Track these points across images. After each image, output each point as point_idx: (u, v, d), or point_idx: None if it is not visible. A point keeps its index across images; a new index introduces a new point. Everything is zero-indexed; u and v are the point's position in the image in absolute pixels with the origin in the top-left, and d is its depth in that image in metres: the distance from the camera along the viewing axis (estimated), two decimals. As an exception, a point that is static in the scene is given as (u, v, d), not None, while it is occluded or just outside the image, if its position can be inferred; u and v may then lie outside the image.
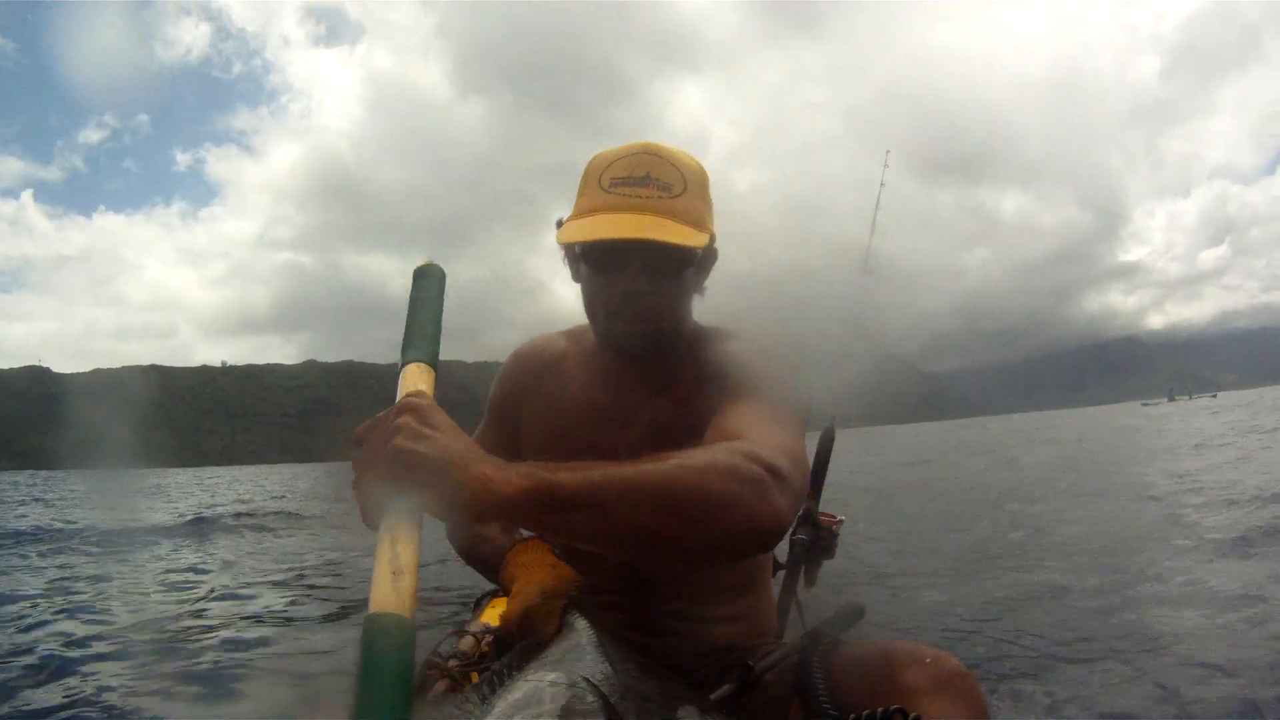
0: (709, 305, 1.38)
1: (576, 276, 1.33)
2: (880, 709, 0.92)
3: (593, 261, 1.26)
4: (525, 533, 1.35)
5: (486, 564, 1.39)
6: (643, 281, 1.23)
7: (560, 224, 1.29)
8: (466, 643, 1.63)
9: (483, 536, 1.41)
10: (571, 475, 0.82)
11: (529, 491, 0.80)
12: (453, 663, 1.46)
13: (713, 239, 1.28)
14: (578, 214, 1.26)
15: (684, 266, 1.25)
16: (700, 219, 1.25)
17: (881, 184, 1.88)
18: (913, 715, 0.91)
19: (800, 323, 1.25)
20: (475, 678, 1.33)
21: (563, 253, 1.33)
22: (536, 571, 1.25)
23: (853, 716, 0.95)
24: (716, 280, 1.37)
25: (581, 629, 1.07)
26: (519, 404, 1.47)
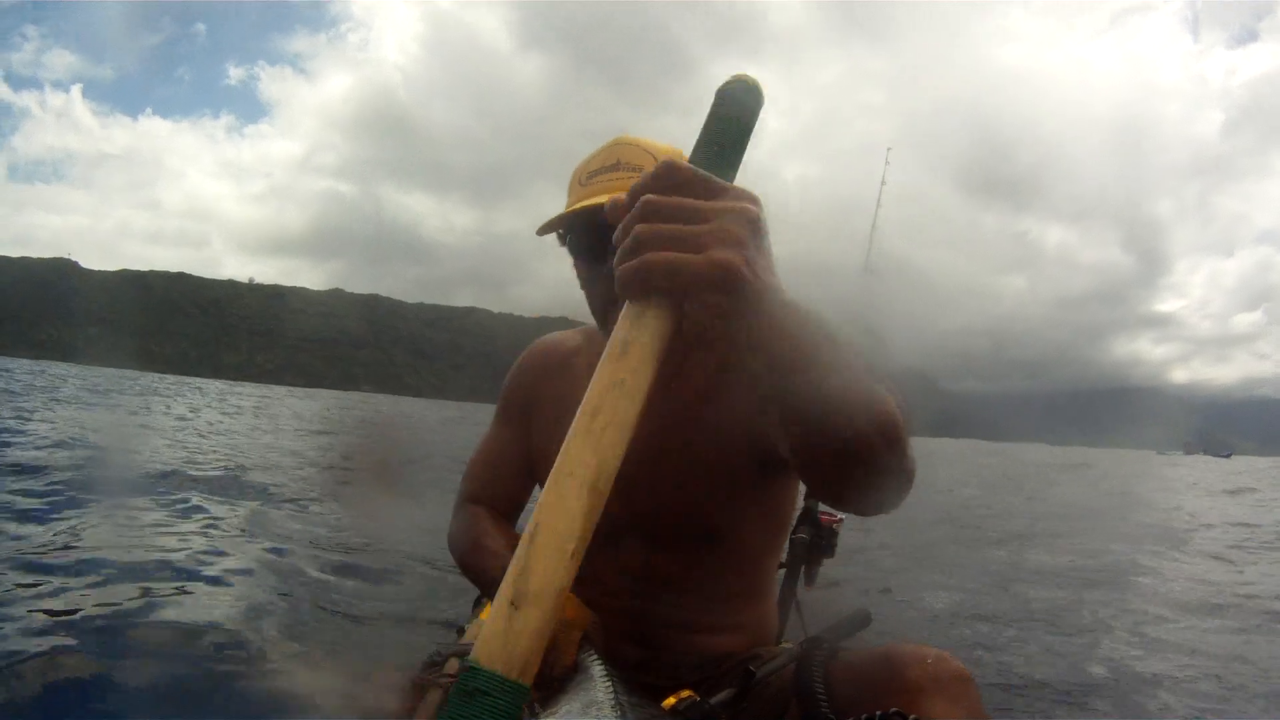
0: None
1: (579, 277, 1.25)
2: (879, 712, 0.91)
3: (578, 251, 1.22)
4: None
5: (483, 575, 1.31)
6: None
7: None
8: (466, 641, 1.61)
9: (486, 548, 1.33)
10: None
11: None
12: (452, 662, 1.44)
13: None
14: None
15: None
16: None
17: (883, 181, 1.83)
18: (911, 717, 0.90)
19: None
20: None
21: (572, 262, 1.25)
22: None
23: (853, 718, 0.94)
24: None
25: (598, 677, 1.00)
26: (528, 402, 1.40)
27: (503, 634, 0.54)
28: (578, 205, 1.17)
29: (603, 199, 1.10)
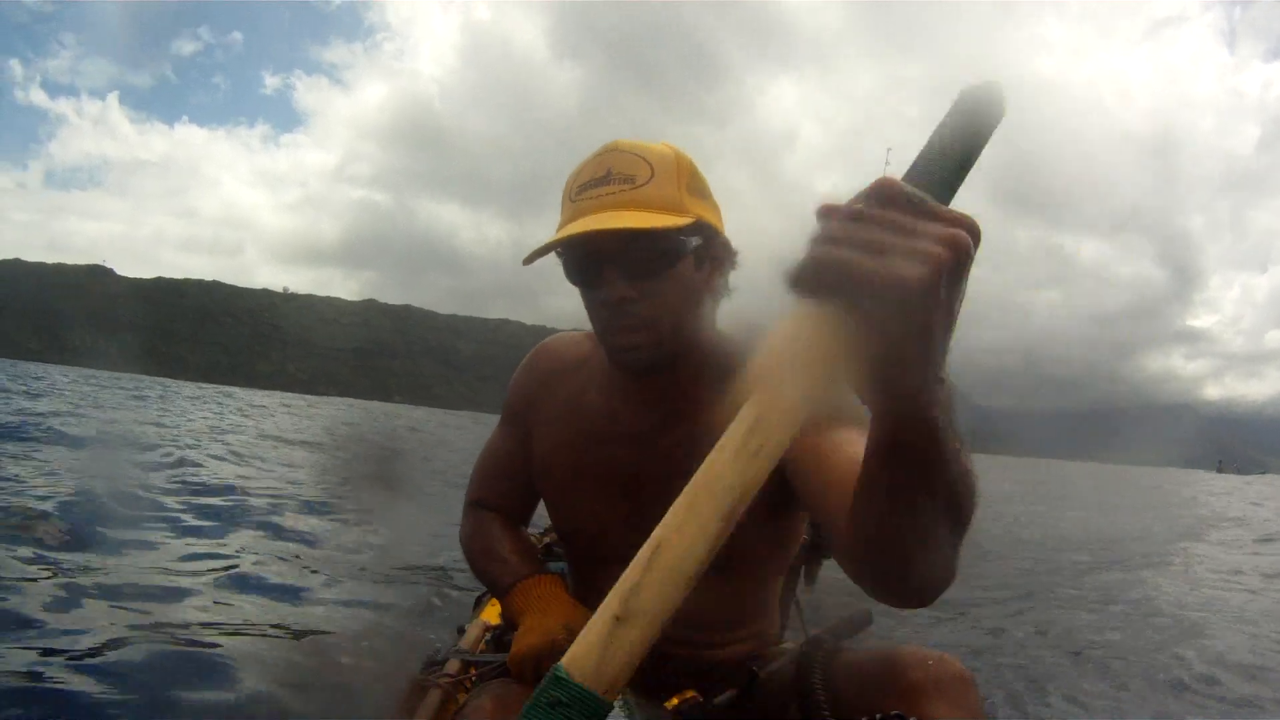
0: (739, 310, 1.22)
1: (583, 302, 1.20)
2: (879, 714, 0.91)
3: (573, 277, 1.16)
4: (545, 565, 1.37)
5: (496, 584, 1.34)
6: (622, 286, 1.09)
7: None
8: (467, 640, 1.70)
9: (497, 555, 1.36)
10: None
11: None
12: (452, 662, 1.51)
13: (712, 229, 1.15)
14: (556, 231, 1.14)
15: (667, 260, 1.10)
16: (675, 204, 1.10)
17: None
18: (910, 718, 0.90)
19: None
20: (469, 683, 1.39)
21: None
22: (555, 606, 1.21)
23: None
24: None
25: None
26: (532, 405, 1.36)
27: (599, 648, 0.51)
28: (561, 235, 1.10)
29: (588, 228, 1.07)
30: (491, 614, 1.80)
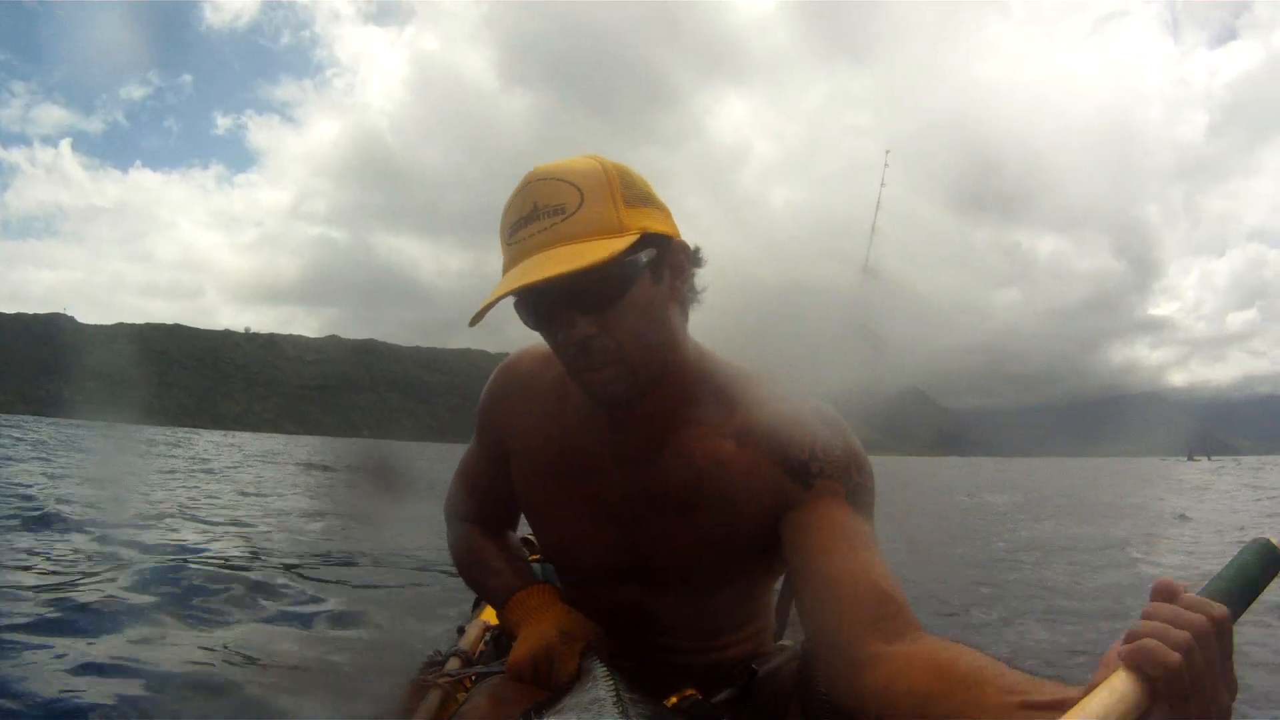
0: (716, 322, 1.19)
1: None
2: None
3: (529, 323, 1.10)
4: (536, 572, 1.37)
5: (492, 597, 1.34)
6: (583, 324, 1.04)
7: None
8: (467, 640, 1.71)
9: (490, 568, 1.34)
10: None
11: None
12: (453, 662, 1.54)
13: (662, 238, 1.08)
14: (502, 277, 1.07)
15: (620, 286, 1.04)
16: (613, 224, 1.02)
17: (882, 184, 1.75)
18: None
19: (813, 332, 1.18)
20: (469, 683, 1.40)
21: None
22: (550, 614, 1.21)
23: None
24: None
25: (600, 677, 1.02)
26: (507, 423, 1.30)
27: None
28: (498, 293, 1.02)
29: (525, 280, 0.99)
30: (491, 614, 1.78)
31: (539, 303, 1.07)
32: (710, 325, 1.20)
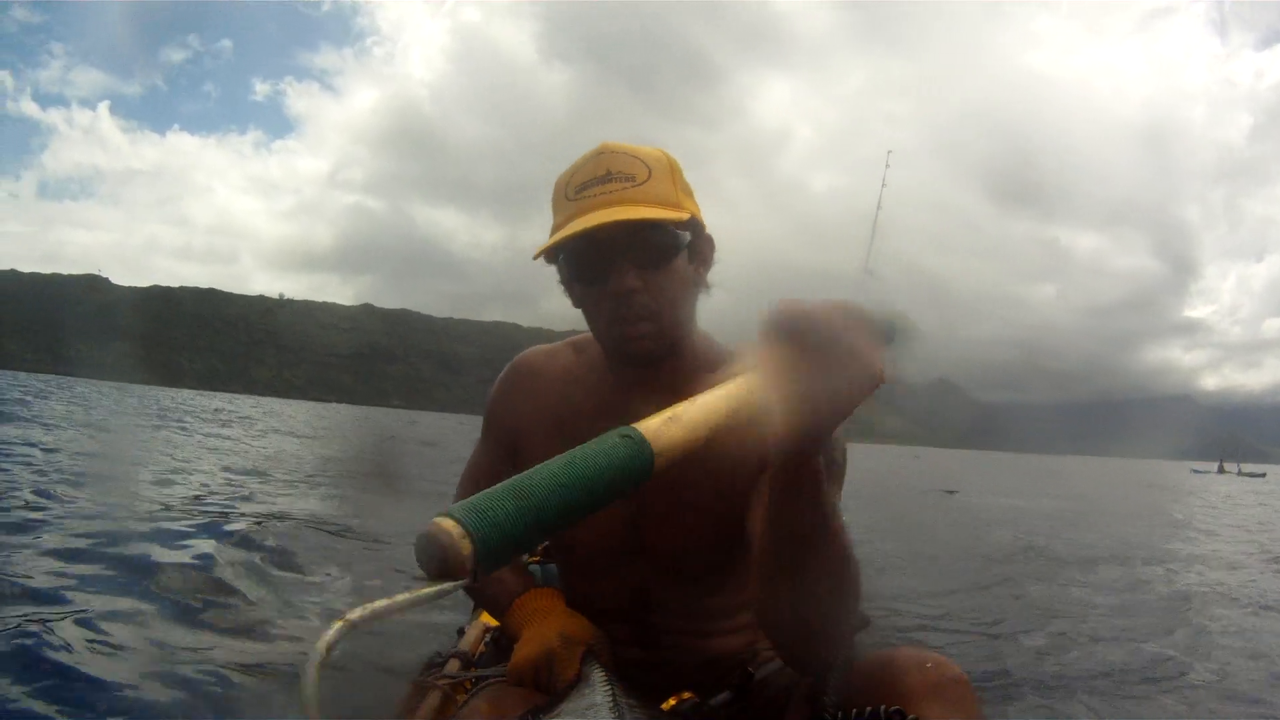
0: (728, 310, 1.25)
1: (576, 300, 1.24)
2: (882, 707, 0.93)
3: (580, 273, 1.19)
4: (537, 579, 1.36)
5: (493, 602, 1.34)
6: (631, 277, 1.13)
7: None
8: (467, 642, 1.71)
9: (493, 577, 1.23)
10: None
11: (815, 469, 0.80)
12: (452, 663, 1.53)
13: (700, 225, 1.21)
14: (552, 233, 1.18)
15: (670, 253, 1.16)
16: (672, 201, 1.16)
17: (883, 184, 1.77)
18: (911, 717, 0.91)
19: None
20: (469, 684, 1.39)
21: (559, 281, 1.25)
22: (552, 618, 1.23)
23: (855, 711, 0.96)
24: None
25: (598, 683, 1.03)
26: (516, 420, 1.35)
27: (657, 426, 0.73)
28: (576, 229, 1.12)
29: (606, 219, 1.10)
30: (490, 615, 1.77)
31: (598, 252, 1.15)
32: (735, 308, 1.15)
